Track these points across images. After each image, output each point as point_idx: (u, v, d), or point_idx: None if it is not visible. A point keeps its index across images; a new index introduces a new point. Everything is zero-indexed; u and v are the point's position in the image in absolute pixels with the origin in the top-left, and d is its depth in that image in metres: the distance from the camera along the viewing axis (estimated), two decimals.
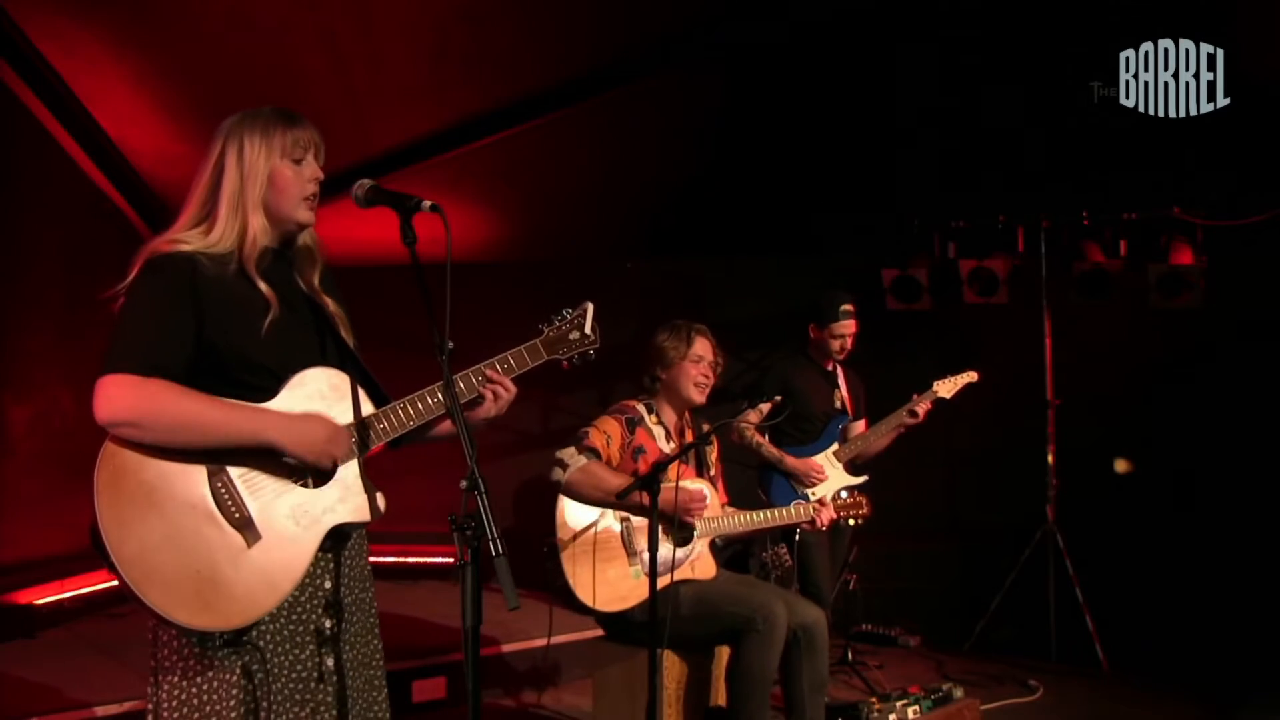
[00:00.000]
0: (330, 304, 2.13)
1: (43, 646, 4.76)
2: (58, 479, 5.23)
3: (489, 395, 2.15)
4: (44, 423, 5.43)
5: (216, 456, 1.89)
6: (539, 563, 3.59)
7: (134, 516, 1.81)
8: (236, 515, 1.89)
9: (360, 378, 2.11)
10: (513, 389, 2.18)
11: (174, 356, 1.88)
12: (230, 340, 1.93)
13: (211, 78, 5.28)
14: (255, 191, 1.98)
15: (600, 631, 3.69)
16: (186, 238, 1.95)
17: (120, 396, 1.82)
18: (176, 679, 1.91)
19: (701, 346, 3.72)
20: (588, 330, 2.33)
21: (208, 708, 1.90)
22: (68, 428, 5.45)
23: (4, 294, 5.24)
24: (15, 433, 5.30)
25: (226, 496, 1.89)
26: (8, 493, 5.18)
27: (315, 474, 1.99)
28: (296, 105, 2.10)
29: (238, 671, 1.90)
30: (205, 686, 1.91)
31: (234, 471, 1.91)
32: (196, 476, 1.87)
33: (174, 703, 1.92)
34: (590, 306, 2.34)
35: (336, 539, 2.04)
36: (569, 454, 3.49)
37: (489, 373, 2.16)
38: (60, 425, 5.46)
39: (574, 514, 3.55)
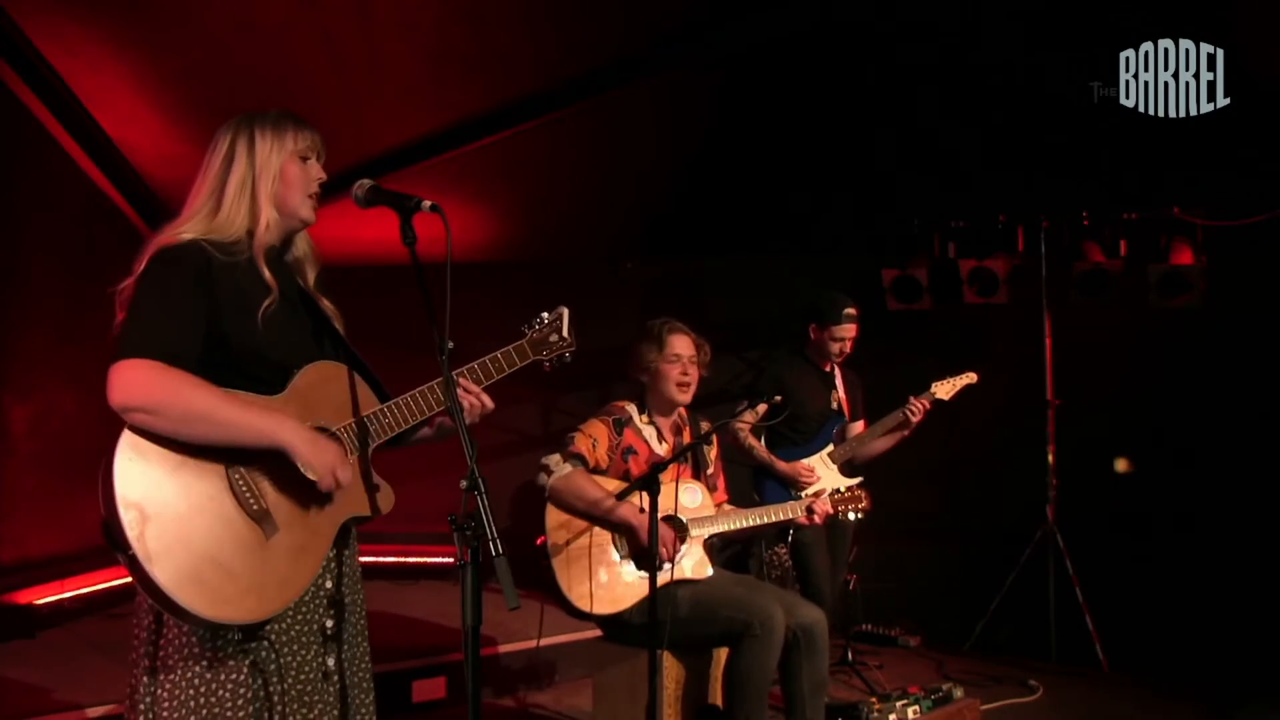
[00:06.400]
0: (326, 303, 2.17)
1: (43, 646, 4.76)
2: (58, 479, 5.24)
3: (465, 405, 2.13)
4: (44, 423, 5.43)
5: (232, 451, 1.88)
6: (538, 563, 3.58)
7: (152, 504, 1.78)
8: (254, 507, 1.88)
9: (361, 374, 2.13)
10: (490, 405, 2.18)
11: (189, 346, 1.88)
12: (240, 334, 1.94)
13: (212, 78, 5.29)
14: (268, 185, 2.02)
15: (600, 631, 3.69)
16: (188, 227, 1.97)
17: (137, 381, 1.80)
18: (177, 676, 1.88)
19: (677, 344, 3.64)
20: (565, 333, 2.37)
21: (216, 708, 1.88)
22: (68, 428, 5.45)
23: (4, 294, 5.24)
24: (15, 432, 5.29)
25: (245, 488, 1.88)
26: (8, 492, 5.17)
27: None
28: (296, 105, 2.13)
29: (245, 670, 1.89)
30: (214, 684, 1.88)
31: (251, 464, 1.90)
32: (215, 467, 1.87)
33: (174, 702, 1.88)
34: (565, 310, 2.39)
35: (341, 535, 2.07)
36: (554, 461, 3.49)
37: (464, 381, 2.15)
38: (60, 425, 5.46)
39: (564, 518, 3.52)
